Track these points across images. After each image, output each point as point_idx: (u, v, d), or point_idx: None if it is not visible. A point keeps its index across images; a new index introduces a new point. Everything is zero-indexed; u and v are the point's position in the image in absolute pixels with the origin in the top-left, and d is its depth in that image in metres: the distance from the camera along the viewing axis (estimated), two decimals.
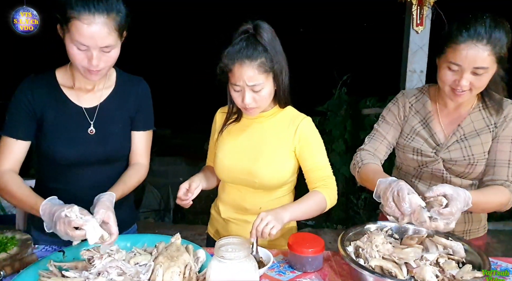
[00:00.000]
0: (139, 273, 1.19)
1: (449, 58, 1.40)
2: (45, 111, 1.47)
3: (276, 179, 1.59)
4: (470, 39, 1.35)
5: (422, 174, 1.63)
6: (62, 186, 1.50)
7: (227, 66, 1.45)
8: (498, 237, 3.96)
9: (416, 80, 3.46)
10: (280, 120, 1.62)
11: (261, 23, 1.47)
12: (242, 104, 1.49)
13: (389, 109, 1.70)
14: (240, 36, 1.47)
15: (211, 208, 1.83)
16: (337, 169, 4.52)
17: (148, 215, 5.25)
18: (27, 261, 1.33)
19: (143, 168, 1.63)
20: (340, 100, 4.76)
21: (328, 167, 1.61)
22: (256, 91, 1.47)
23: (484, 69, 1.36)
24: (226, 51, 1.45)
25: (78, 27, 1.26)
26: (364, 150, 1.67)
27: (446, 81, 1.44)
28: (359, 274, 1.18)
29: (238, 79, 1.45)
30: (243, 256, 1.02)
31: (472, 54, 1.35)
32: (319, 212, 1.53)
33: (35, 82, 1.49)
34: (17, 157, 1.47)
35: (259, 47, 1.44)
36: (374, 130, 1.71)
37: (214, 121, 1.76)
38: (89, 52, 1.31)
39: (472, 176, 1.55)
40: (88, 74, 1.38)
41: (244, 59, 1.42)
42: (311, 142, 1.60)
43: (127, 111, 1.58)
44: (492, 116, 1.53)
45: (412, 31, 3.38)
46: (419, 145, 1.59)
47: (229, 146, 1.65)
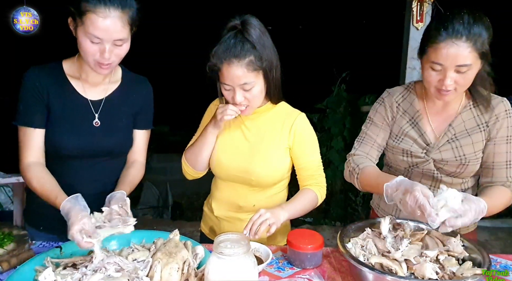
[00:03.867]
0: (137, 269, 1.18)
1: (431, 58, 1.37)
2: (51, 100, 1.47)
3: (272, 176, 1.59)
4: (449, 37, 1.32)
5: (412, 173, 1.61)
6: (61, 178, 1.48)
7: (216, 66, 1.42)
8: (496, 234, 3.97)
9: (416, 77, 3.44)
10: (275, 117, 1.61)
11: (249, 19, 1.43)
12: (234, 103, 1.47)
13: (376, 110, 1.65)
14: (227, 34, 1.43)
15: (204, 205, 1.82)
16: (335, 166, 4.53)
17: (147, 212, 5.25)
18: (24, 257, 1.32)
19: (142, 166, 1.65)
20: (339, 98, 4.75)
21: (320, 165, 1.63)
22: (247, 90, 1.45)
23: (467, 66, 1.33)
24: (214, 50, 1.42)
25: (93, 20, 1.28)
26: (356, 155, 1.62)
27: (430, 82, 1.41)
28: (359, 271, 1.18)
29: (227, 78, 1.42)
30: (242, 252, 1.01)
31: (452, 53, 1.32)
32: (311, 209, 1.59)
33: (42, 71, 1.48)
34: (39, 145, 1.46)
35: (247, 45, 1.40)
36: (362, 134, 1.66)
37: (209, 111, 1.71)
38: (102, 45, 1.33)
39: (463, 175, 1.54)
40: (98, 68, 1.39)
41: (231, 59, 1.39)
42: (306, 140, 1.60)
43: (130, 108, 1.59)
44: (483, 114, 1.50)
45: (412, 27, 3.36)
46: (408, 146, 1.57)
47: (225, 142, 1.62)
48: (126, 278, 1.13)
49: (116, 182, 1.52)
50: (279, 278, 1.29)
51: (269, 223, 1.38)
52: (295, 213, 1.52)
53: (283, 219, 1.45)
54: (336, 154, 4.56)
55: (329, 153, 4.58)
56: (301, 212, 1.54)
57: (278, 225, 1.40)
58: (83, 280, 1.12)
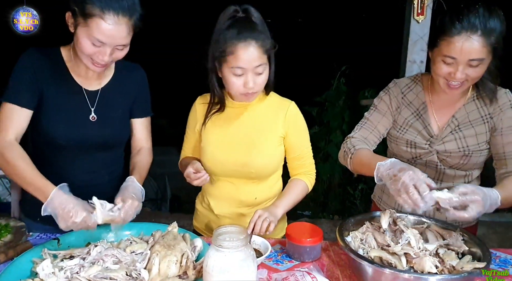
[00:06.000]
0: (135, 261, 1.17)
1: (443, 51, 1.35)
2: (46, 85, 1.42)
3: (271, 167, 1.60)
4: (464, 31, 1.29)
5: (415, 165, 1.59)
6: (55, 167, 1.47)
7: (226, 50, 1.38)
8: (494, 228, 3.98)
9: (416, 71, 3.42)
10: (267, 107, 1.59)
11: (249, 7, 1.43)
12: (244, 89, 1.43)
13: (381, 98, 1.64)
14: (230, 20, 1.41)
15: (196, 203, 1.78)
16: (334, 160, 4.52)
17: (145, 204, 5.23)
18: (21, 249, 1.31)
19: (148, 151, 1.64)
20: (339, 91, 4.73)
21: (311, 153, 1.66)
22: (259, 74, 1.43)
23: (480, 61, 1.32)
24: (222, 35, 1.39)
25: (100, 25, 1.24)
26: (353, 138, 1.60)
27: (440, 74, 1.39)
28: (358, 264, 1.17)
29: (242, 61, 1.38)
30: (241, 245, 1.00)
31: (467, 47, 1.29)
32: (302, 198, 1.64)
33: (42, 53, 1.44)
34: (21, 125, 1.39)
35: (257, 28, 1.40)
36: (364, 119, 1.64)
37: (193, 111, 1.67)
38: (103, 48, 1.29)
39: (467, 167, 1.54)
40: (92, 65, 1.35)
41: (248, 40, 1.37)
42: (299, 129, 1.62)
43: (126, 98, 1.57)
44: (486, 105, 1.50)
45: (412, 20, 3.33)
46: (413, 137, 1.56)
47: (218, 138, 1.59)
48: (124, 270, 1.12)
49: (111, 173, 1.52)
50: (277, 271, 1.29)
51: (267, 223, 1.39)
52: (288, 207, 1.58)
53: (279, 215, 1.50)
54: (335, 148, 4.55)
55: (328, 147, 4.57)
56: (293, 204, 1.60)
57: (276, 222, 1.44)
58: (80, 272, 1.12)
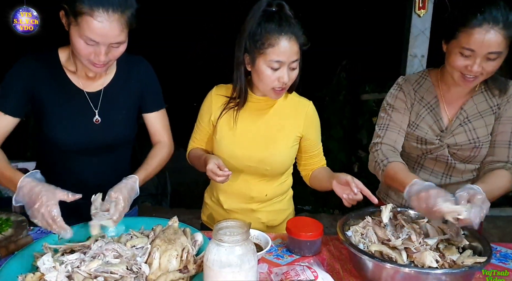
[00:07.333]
0: (135, 256, 1.17)
1: (461, 43, 1.32)
2: (44, 91, 1.40)
3: (286, 164, 1.62)
4: (486, 23, 1.27)
5: (425, 160, 1.60)
6: (64, 172, 1.46)
7: (266, 43, 1.36)
8: (494, 223, 3.99)
9: (417, 65, 3.42)
10: (288, 105, 1.59)
11: (282, 2, 1.41)
12: (278, 83, 1.41)
13: (396, 96, 1.60)
14: (264, 13, 1.39)
15: (205, 197, 1.78)
16: (334, 155, 4.52)
17: (145, 199, 5.25)
18: (22, 243, 1.31)
19: (165, 145, 1.58)
20: (339, 86, 4.73)
21: (322, 149, 1.70)
22: (293, 69, 1.42)
23: (498, 54, 1.30)
24: (261, 28, 1.37)
25: (90, 24, 1.18)
26: (383, 144, 1.55)
27: (456, 67, 1.37)
28: (359, 258, 1.17)
29: (282, 54, 1.36)
30: (241, 239, 1.00)
31: (487, 39, 1.27)
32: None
33: (37, 59, 1.41)
34: (1, 131, 1.38)
35: (294, 23, 1.39)
36: (385, 120, 1.60)
37: (208, 102, 1.62)
38: (98, 47, 1.23)
39: (477, 160, 1.53)
40: (92, 66, 1.31)
41: (289, 34, 1.36)
42: (317, 128, 1.64)
43: (131, 94, 1.52)
44: (495, 97, 1.49)
45: (414, 14, 3.33)
46: (423, 133, 1.55)
47: (235, 133, 1.57)
48: (125, 264, 1.12)
49: (117, 171, 1.47)
50: (278, 266, 1.28)
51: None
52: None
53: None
54: (335, 143, 4.56)
55: (328, 142, 4.58)
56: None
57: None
58: (81, 266, 1.12)
